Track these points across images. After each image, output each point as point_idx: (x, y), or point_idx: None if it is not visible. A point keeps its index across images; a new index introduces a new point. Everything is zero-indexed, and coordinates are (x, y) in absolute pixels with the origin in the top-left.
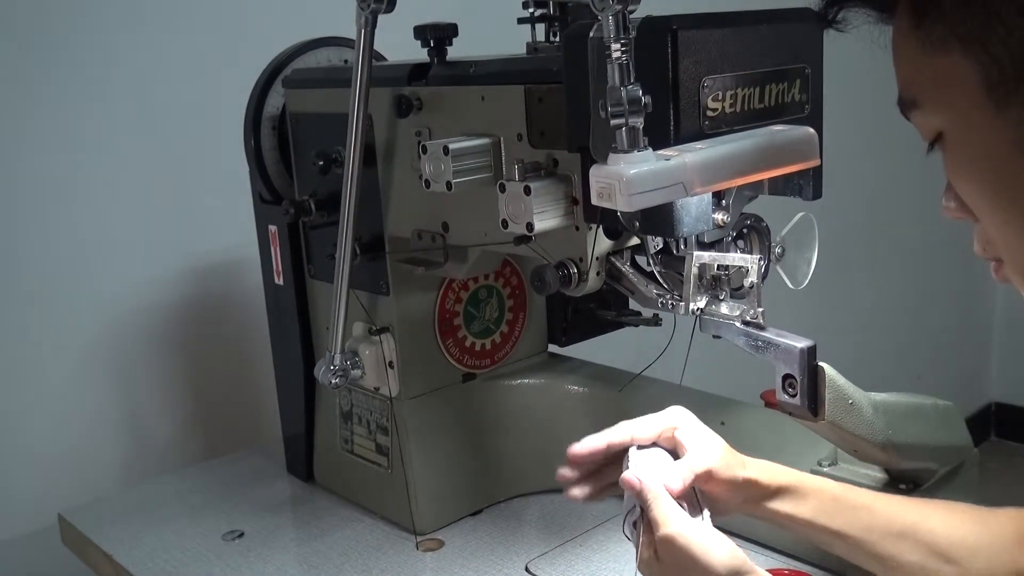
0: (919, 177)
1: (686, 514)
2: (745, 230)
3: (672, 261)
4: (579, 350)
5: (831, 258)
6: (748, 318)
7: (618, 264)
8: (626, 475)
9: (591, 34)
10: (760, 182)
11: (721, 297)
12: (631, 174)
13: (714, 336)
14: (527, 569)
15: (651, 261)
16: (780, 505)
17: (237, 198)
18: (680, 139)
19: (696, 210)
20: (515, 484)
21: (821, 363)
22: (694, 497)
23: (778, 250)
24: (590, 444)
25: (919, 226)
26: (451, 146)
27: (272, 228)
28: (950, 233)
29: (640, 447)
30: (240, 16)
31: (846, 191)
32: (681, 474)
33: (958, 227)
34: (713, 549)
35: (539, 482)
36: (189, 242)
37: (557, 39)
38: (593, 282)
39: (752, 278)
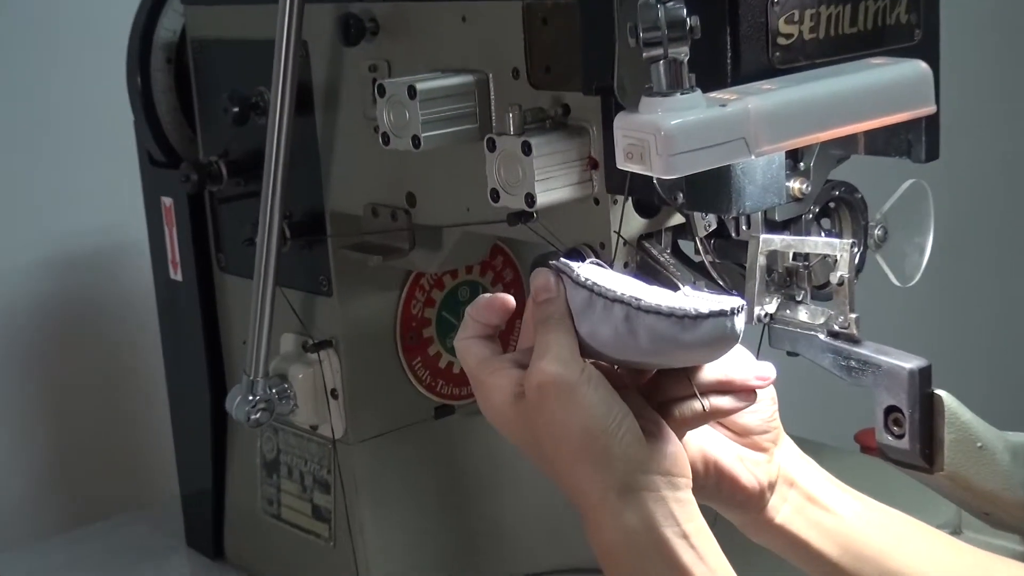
0: None
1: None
2: (832, 204)
3: (729, 248)
4: None
5: (951, 244)
6: (837, 327)
7: (654, 252)
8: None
9: None
10: (853, 137)
11: (799, 298)
12: (672, 126)
13: (788, 353)
14: None
15: (700, 248)
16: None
17: (116, 160)
18: (741, 77)
19: (763, 177)
20: (511, 562)
21: (938, 391)
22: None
23: (878, 232)
24: None
25: None
26: (419, 86)
27: (166, 201)
28: None
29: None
30: None
31: (972, 150)
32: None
33: None
34: (615, 409)
35: (546, 559)
36: (48, 222)
37: None
38: None
39: (842, 271)
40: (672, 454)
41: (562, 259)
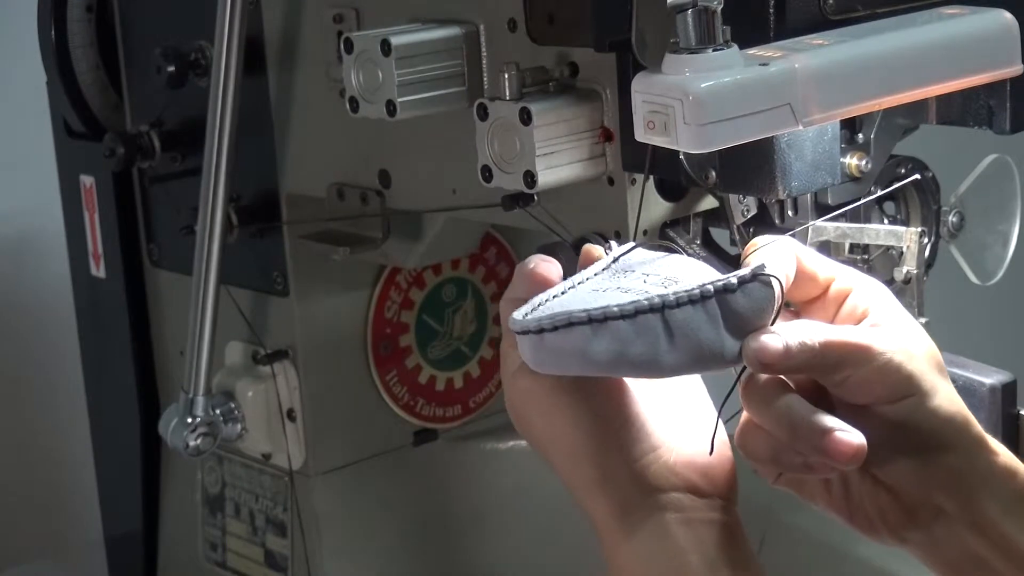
0: None
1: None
2: (897, 185)
3: None
4: None
5: None
6: None
7: (681, 243)
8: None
9: None
10: (921, 104)
11: None
12: (702, 89)
13: None
14: None
15: (736, 238)
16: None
17: (25, 130)
18: (786, 30)
19: (814, 152)
20: None
21: None
22: None
23: (953, 219)
24: None
25: None
26: (395, 41)
27: (86, 180)
28: None
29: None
30: None
31: None
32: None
33: None
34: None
35: None
36: None
37: None
38: None
39: (910, 266)
40: (704, 467)
41: (634, 244)
